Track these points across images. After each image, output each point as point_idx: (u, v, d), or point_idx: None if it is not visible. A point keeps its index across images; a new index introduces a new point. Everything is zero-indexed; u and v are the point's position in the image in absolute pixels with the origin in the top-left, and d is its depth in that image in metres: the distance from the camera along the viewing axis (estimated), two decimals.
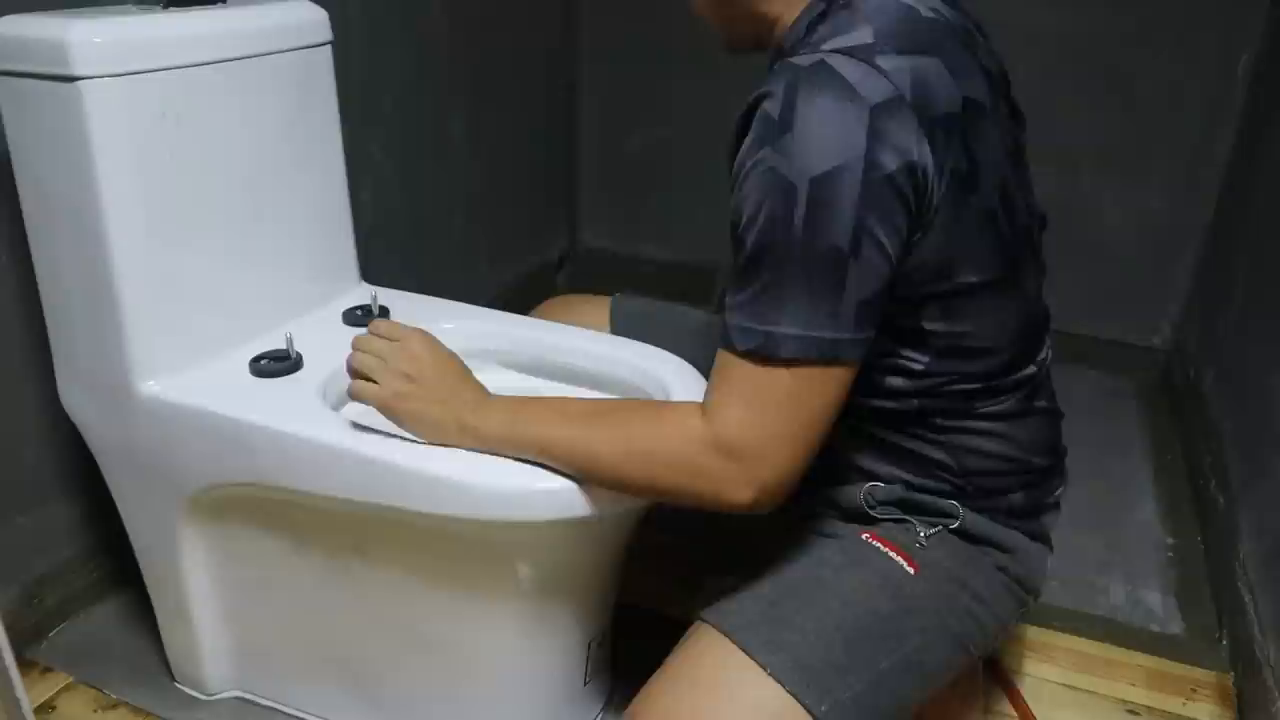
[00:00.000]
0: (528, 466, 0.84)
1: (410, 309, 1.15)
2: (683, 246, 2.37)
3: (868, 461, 0.90)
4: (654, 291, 2.38)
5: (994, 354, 0.84)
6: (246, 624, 1.10)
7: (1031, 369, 0.89)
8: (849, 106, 0.69)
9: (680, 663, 0.82)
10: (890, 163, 0.69)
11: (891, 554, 0.87)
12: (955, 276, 0.78)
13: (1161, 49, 1.87)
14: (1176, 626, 1.36)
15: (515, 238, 2.22)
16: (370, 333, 0.90)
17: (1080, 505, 1.64)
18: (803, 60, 0.72)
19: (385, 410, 0.86)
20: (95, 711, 1.12)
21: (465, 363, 0.90)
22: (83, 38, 0.84)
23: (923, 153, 0.70)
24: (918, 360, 0.83)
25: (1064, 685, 1.21)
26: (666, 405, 0.83)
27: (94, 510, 1.26)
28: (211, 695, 1.15)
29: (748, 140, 0.73)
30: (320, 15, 1.08)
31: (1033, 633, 1.30)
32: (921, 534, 0.88)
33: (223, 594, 1.08)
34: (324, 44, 1.08)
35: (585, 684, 1.07)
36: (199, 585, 1.06)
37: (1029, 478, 0.91)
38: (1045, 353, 0.92)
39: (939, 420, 0.86)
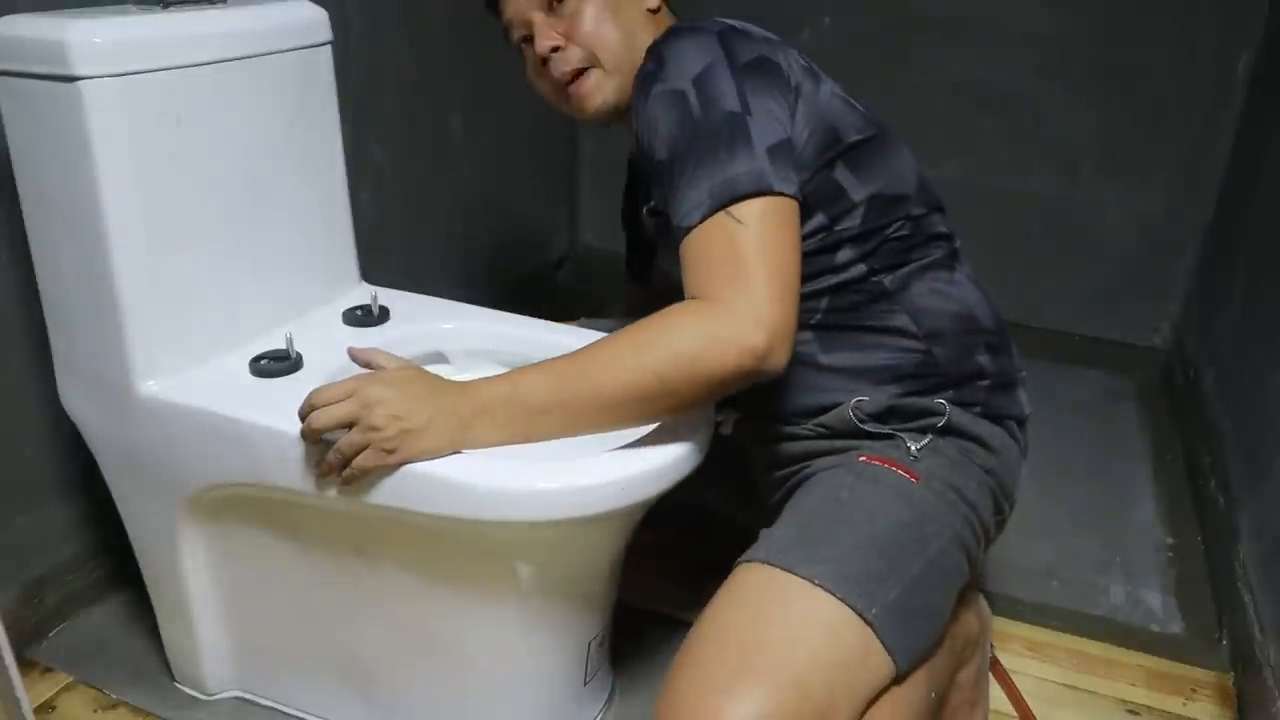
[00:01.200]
0: (527, 466, 0.84)
1: (410, 309, 1.15)
2: None
3: (845, 360, 0.96)
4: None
5: (908, 201, 0.97)
6: (246, 624, 1.10)
7: (945, 230, 1.01)
8: (700, 35, 0.89)
9: (724, 600, 0.81)
10: (745, 56, 0.89)
11: (891, 469, 0.90)
12: (843, 138, 0.94)
13: (1161, 49, 1.87)
14: (1176, 626, 1.35)
15: (515, 238, 2.22)
16: (311, 407, 0.84)
17: (1080, 505, 1.64)
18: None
19: (391, 465, 0.83)
20: (95, 711, 1.12)
21: (463, 361, 0.90)
22: (83, 38, 0.84)
23: (766, 51, 0.90)
24: (851, 225, 0.95)
25: (1064, 685, 1.21)
26: (654, 316, 0.84)
27: (94, 510, 1.26)
28: (211, 695, 1.15)
29: (636, 102, 0.91)
30: (320, 15, 1.08)
31: (1033, 633, 1.30)
32: (912, 447, 0.93)
33: (223, 594, 1.08)
34: (324, 44, 1.09)
35: (585, 683, 1.07)
36: (199, 585, 1.06)
37: (986, 338, 0.99)
38: (955, 235, 1.03)
39: (886, 281, 0.96)
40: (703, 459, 0.92)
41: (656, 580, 1.34)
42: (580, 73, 0.98)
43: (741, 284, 0.80)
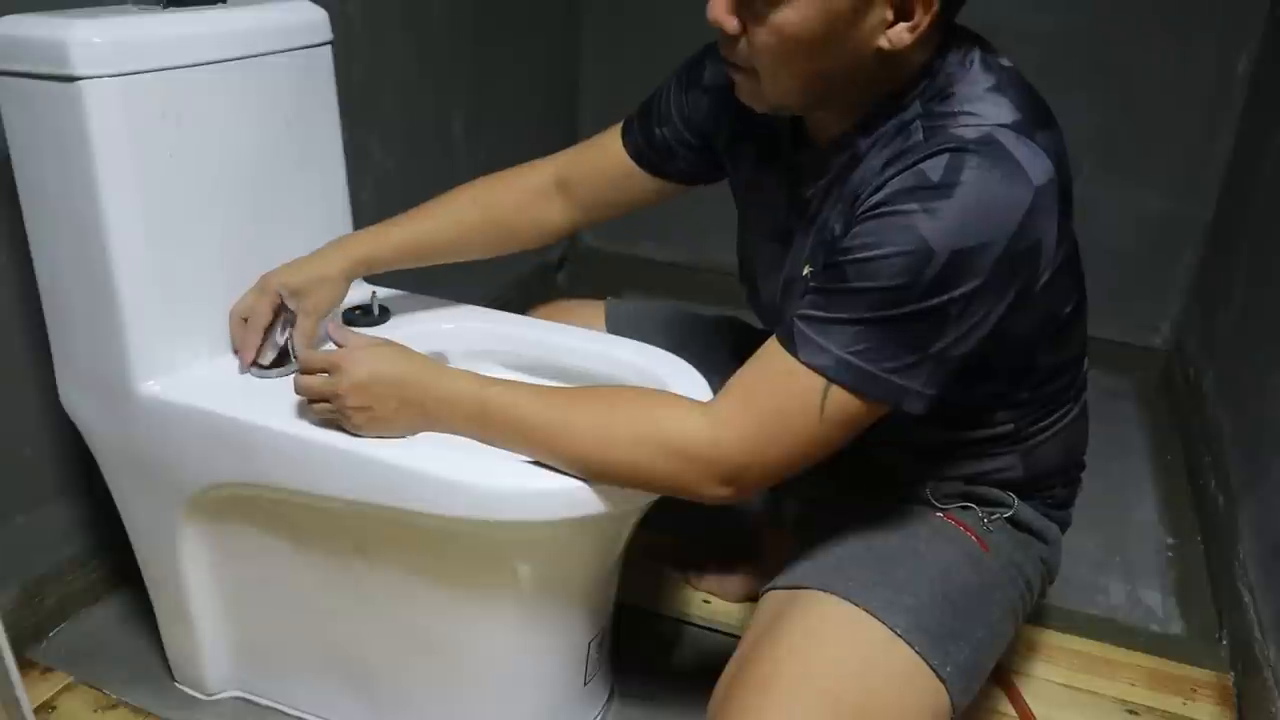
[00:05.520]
0: (527, 467, 0.84)
1: (410, 309, 1.15)
2: (683, 246, 2.37)
3: (941, 471, 0.93)
4: (654, 292, 2.38)
5: (1077, 364, 0.92)
6: (246, 624, 1.10)
7: (1085, 370, 0.95)
8: (1017, 188, 0.70)
9: (802, 629, 0.80)
10: (1026, 241, 0.71)
11: (966, 533, 0.90)
12: (1058, 317, 0.84)
13: (1161, 49, 1.87)
14: (1176, 626, 1.36)
15: None
16: (304, 370, 0.89)
17: (1080, 505, 1.64)
18: (967, 132, 0.72)
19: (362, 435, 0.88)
20: (95, 711, 1.12)
21: (463, 361, 0.90)
22: (83, 38, 0.84)
23: (1051, 233, 0.73)
24: (1022, 394, 0.88)
25: (1064, 685, 1.21)
26: (656, 397, 0.83)
27: (94, 510, 1.26)
28: (211, 695, 1.15)
29: (891, 186, 0.72)
30: (320, 15, 1.08)
31: (1033, 633, 1.29)
32: (984, 519, 0.92)
33: (223, 594, 1.08)
34: (324, 44, 1.08)
35: (585, 684, 1.07)
36: (199, 585, 1.06)
37: (1072, 474, 0.99)
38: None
39: (1022, 433, 0.91)
40: None
41: (656, 580, 1.34)
42: (739, 68, 0.79)
43: (760, 448, 0.76)
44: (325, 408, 0.87)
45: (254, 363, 0.99)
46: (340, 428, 0.88)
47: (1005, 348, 0.81)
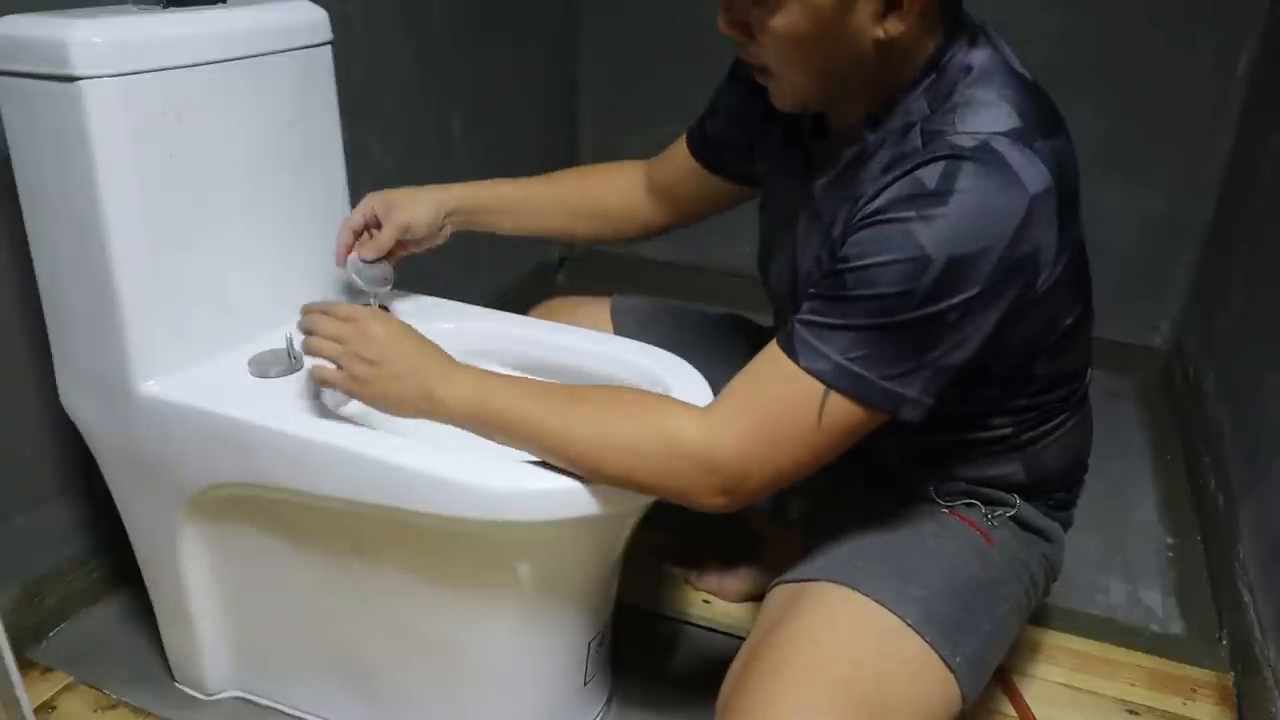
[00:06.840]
0: (527, 467, 0.84)
1: (410, 309, 1.15)
2: (683, 246, 2.36)
3: (942, 473, 0.93)
4: (654, 291, 2.38)
5: (1080, 374, 0.92)
6: (246, 624, 1.10)
7: (1088, 378, 0.96)
8: (1012, 194, 0.70)
9: (815, 618, 0.80)
10: (1024, 248, 0.72)
11: (973, 529, 0.90)
12: (1059, 325, 0.84)
13: (1161, 49, 1.87)
14: (1176, 626, 1.36)
15: (515, 238, 2.22)
16: (321, 311, 0.90)
17: (1080, 505, 1.64)
18: (964, 140, 0.72)
19: (350, 394, 0.87)
20: (95, 711, 1.12)
21: (463, 361, 0.89)
22: (83, 38, 0.84)
23: (1050, 240, 0.73)
24: (1019, 401, 0.88)
25: (1064, 685, 1.21)
26: (654, 400, 0.82)
27: (94, 510, 1.26)
28: (211, 695, 1.15)
29: (888, 194, 0.73)
30: (320, 15, 1.08)
31: (1033, 633, 1.30)
32: (988, 516, 0.92)
33: (222, 594, 1.08)
34: (324, 44, 1.08)
35: (585, 684, 1.07)
36: (199, 585, 1.06)
37: (1075, 476, 0.99)
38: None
39: (1023, 438, 0.91)
40: None
41: (656, 580, 1.34)
42: (760, 70, 0.81)
43: (757, 455, 0.75)
44: (332, 347, 0.86)
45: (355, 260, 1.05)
46: (330, 385, 0.87)
47: (1003, 355, 0.81)
